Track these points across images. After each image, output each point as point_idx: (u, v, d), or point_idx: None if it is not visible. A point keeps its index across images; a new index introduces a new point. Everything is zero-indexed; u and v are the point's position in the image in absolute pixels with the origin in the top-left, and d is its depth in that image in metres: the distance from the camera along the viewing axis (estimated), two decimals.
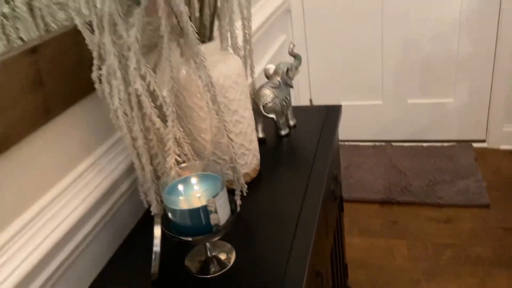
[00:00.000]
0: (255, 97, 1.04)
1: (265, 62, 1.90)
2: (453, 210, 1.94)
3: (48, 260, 0.69)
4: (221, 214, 0.66)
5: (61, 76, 0.72)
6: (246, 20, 0.92)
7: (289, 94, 1.09)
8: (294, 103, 2.35)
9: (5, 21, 0.65)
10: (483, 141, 2.33)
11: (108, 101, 0.71)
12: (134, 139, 0.74)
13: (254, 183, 0.93)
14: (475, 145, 2.32)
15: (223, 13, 0.84)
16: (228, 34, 0.87)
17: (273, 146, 1.07)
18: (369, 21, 2.20)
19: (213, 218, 0.66)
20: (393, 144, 2.45)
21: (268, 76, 1.09)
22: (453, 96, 2.28)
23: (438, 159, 2.26)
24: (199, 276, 0.72)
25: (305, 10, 2.26)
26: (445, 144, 2.36)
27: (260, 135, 1.08)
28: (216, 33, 0.86)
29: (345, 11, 2.21)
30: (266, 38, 1.93)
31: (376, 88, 2.38)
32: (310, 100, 2.50)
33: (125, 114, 0.71)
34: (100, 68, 0.71)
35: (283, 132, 1.09)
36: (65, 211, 0.73)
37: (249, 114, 0.88)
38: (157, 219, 0.73)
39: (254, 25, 1.74)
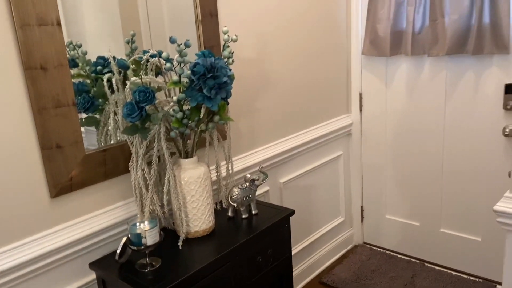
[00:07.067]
0: (227, 192, 1.76)
1: (317, 164, 2.60)
2: None
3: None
4: (149, 240, 1.41)
5: (115, 162, 1.60)
6: (228, 160, 1.71)
7: (252, 194, 1.77)
8: (346, 209, 2.87)
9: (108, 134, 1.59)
10: None
11: (132, 177, 1.56)
12: (137, 196, 1.57)
13: (202, 238, 1.63)
14: (499, 287, 2.42)
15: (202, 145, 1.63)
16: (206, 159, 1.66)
17: (236, 223, 1.75)
18: (429, 154, 2.65)
19: (143, 240, 1.41)
20: (426, 264, 2.70)
21: (245, 180, 1.80)
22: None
23: None
24: (139, 270, 1.46)
25: (363, 138, 2.84)
26: (472, 278, 2.52)
27: (230, 214, 1.78)
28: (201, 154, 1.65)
29: (394, 143, 2.72)
30: (325, 147, 2.65)
31: (416, 209, 2.73)
32: (361, 207, 2.97)
33: (136, 185, 1.55)
34: (131, 162, 1.58)
35: (243, 216, 1.77)
36: (101, 220, 1.58)
37: (203, 198, 1.61)
38: (124, 237, 1.50)
39: (316, 135, 2.52)
